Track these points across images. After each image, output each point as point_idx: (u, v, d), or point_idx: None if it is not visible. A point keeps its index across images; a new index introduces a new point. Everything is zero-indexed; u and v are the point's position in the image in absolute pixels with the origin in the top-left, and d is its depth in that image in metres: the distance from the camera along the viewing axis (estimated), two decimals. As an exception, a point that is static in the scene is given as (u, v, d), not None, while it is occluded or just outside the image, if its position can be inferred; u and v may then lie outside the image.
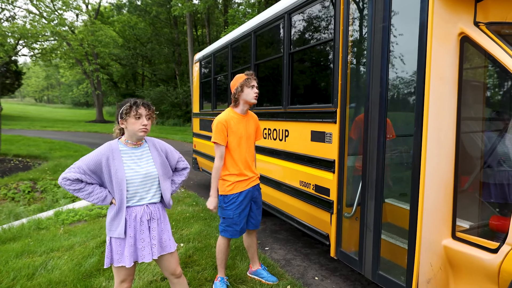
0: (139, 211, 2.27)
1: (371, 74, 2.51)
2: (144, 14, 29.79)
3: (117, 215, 2.23)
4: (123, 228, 2.21)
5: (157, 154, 2.37)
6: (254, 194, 3.06)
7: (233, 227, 2.99)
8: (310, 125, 3.37)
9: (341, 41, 2.89)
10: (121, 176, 2.20)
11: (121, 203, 2.21)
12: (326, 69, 3.31)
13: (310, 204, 3.38)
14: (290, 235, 4.65)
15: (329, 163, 3.07)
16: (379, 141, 2.46)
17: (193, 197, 6.71)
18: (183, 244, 4.22)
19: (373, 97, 2.50)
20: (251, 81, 2.90)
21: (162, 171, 2.36)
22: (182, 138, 18.05)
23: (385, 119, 2.44)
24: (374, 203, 2.52)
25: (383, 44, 2.41)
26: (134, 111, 2.19)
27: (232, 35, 5.45)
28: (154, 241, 2.30)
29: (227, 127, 2.92)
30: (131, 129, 2.23)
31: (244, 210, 2.99)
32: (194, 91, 7.65)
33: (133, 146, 2.30)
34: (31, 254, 3.98)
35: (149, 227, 2.29)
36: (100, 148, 2.23)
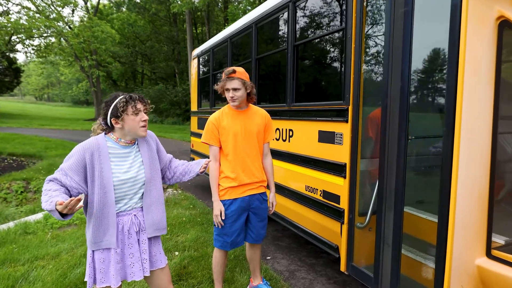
0: (126, 222, 1.97)
1: (391, 66, 2.19)
2: (143, 11, 29.65)
3: (101, 222, 1.91)
4: (113, 236, 1.91)
5: (147, 148, 2.08)
6: (253, 204, 2.69)
7: (224, 238, 2.67)
8: (317, 124, 3.05)
9: (354, 30, 2.57)
10: (107, 178, 1.89)
11: (103, 207, 1.90)
12: (336, 62, 2.98)
13: (317, 211, 3.06)
14: (293, 242, 4.33)
15: (339, 167, 2.75)
16: (399, 142, 2.14)
17: (190, 199, 6.39)
18: (178, 252, 3.90)
19: (392, 92, 2.18)
20: (225, 83, 2.56)
21: (150, 172, 2.05)
22: (181, 137, 17.76)
23: (406, 117, 2.12)
24: (393, 213, 2.20)
25: (405, 32, 2.08)
26: (132, 107, 1.89)
27: (231, 28, 5.12)
28: (145, 255, 2.01)
29: (218, 126, 2.62)
30: (130, 127, 1.94)
31: (237, 221, 2.64)
32: (192, 88, 7.33)
33: (125, 144, 2.00)
34: (13, 263, 3.67)
35: (138, 239, 2.00)
36: (84, 143, 1.92)
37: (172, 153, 13.42)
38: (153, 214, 2.06)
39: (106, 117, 1.96)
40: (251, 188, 2.67)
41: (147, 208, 2.04)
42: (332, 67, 3.05)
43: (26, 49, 14.20)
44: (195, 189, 7.46)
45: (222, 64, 5.65)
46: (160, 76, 31.97)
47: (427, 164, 2.79)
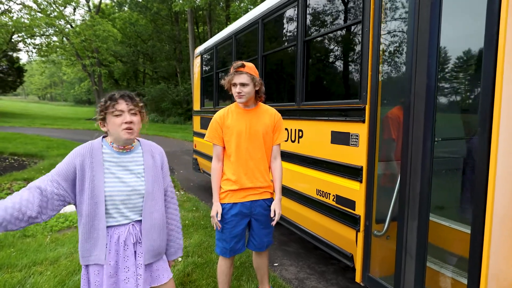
0: (122, 232, 1.76)
1: (415, 61, 2.00)
2: (145, 10, 29.61)
3: (89, 236, 1.70)
4: (103, 251, 1.70)
5: (152, 163, 1.85)
6: (255, 210, 2.50)
7: (223, 244, 2.50)
8: (330, 124, 2.86)
9: (372, 22, 2.38)
10: (98, 188, 1.68)
11: (92, 219, 1.69)
12: (351, 58, 2.79)
13: (329, 217, 2.88)
14: (300, 247, 4.15)
15: (355, 171, 2.56)
16: (425, 144, 1.96)
17: (193, 201, 6.22)
18: (181, 258, 3.72)
19: (417, 89, 1.99)
20: (233, 77, 2.38)
21: (152, 187, 1.82)
22: (183, 136, 17.61)
23: (433, 117, 1.93)
24: (417, 222, 2.02)
25: (432, 22, 1.89)
26: (111, 107, 1.68)
27: (236, 24, 4.93)
28: (140, 270, 1.79)
29: (222, 124, 2.45)
30: (112, 130, 1.72)
31: (236, 227, 2.46)
32: (195, 87, 7.15)
33: (120, 150, 1.78)
34: (10, 268, 3.49)
35: (135, 251, 1.79)
36: (77, 147, 1.73)
37: (174, 153, 13.28)
38: (152, 239, 1.82)
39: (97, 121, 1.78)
40: (253, 193, 2.48)
41: (147, 232, 1.80)
42: (347, 64, 2.86)
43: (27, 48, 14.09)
44: (198, 190, 7.28)
45: (226, 62, 5.46)
46: (162, 76, 31.91)
47: (448, 167, 2.61)
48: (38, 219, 1.62)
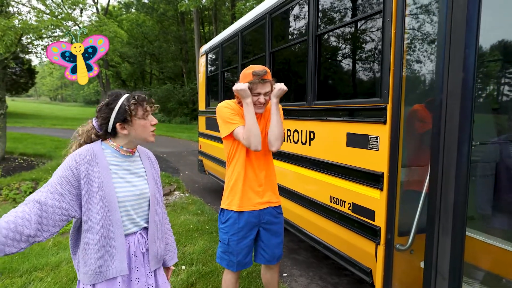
0: (132, 243, 1.62)
1: (448, 53, 1.74)
2: (152, 11, 29.76)
3: (106, 248, 1.52)
4: (124, 260, 1.55)
5: (151, 167, 1.74)
6: (264, 218, 2.27)
7: (229, 257, 2.25)
8: (345, 125, 2.61)
9: (395, 10, 2.13)
10: (109, 193, 1.51)
11: (107, 229, 1.51)
12: (370, 53, 2.54)
13: (344, 227, 2.63)
14: (311, 256, 3.90)
15: (374, 177, 2.31)
16: (461, 149, 1.70)
17: (198, 203, 5.99)
18: (185, 266, 3.51)
19: (450, 86, 1.73)
20: (256, 86, 2.10)
21: (155, 190, 1.71)
22: (189, 136, 17.50)
23: (471, 117, 1.67)
24: (450, 238, 1.76)
25: (470, 7, 1.63)
26: (143, 109, 1.59)
27: (243, 20, 4.70)
28: (150, 279, 1.67)
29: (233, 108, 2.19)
30: (139, 133, 1.60)
31: (245, 238, 2.23)
32: (200, 87, 6.94)
33: (126, 154, 1.64)
34: (12, 273, 3.38)
35: (143, 262, 1.67)
36: (77, 152, 1.52)
37: (180, 153, 13.14)
38: (156, 244, 1.71)
39: (106, 121, 1.57)
40: (264, 201, 2.26)
41: (152, 236, 1.68)
42: (365, 59, 2.61)
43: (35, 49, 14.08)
44: (203, 192, 7.07)
45: (232, 61, 5.24)
46: (168, 76, 32.05)
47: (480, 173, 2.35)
48: (39, 238, 1.42)
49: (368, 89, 2.56)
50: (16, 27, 9.14)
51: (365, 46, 2.58)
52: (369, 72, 2.57)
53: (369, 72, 2.56)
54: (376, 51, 2.41)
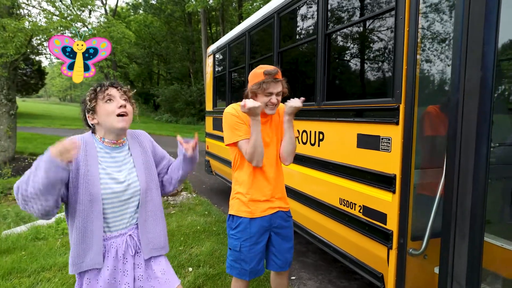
0: (120, 245, 1.57)
1: (465, 51, 1.67)
2: (159, 12, 29.92)
3: (83, 237, 1.51)
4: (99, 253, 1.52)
5: (140, 151, 1.69)
6: (275, 223, 2.19)
7: (241, 265, 2.15)
8: (356, 126, 2.55)
9: (408, 9, 2.06)
10: (93, 182, 1.50)
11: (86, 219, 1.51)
12: (382, 51, 2.47)
13: (354, 230, 2.56)
14: (320, 259, 3.83)
15: (386, 179, 2.24)
16: (478, 151, 1.63)
17: (205, 204, 5.96)
18: (192, 268, 3.47)
19: (467, 85, 1.66)
20: (268, 85, 2.02)
21: (146, 179, 1.65)
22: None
23: (489, 118, 1.60)
24: (468, 242, 1.69)
25: (489, 2, 1.56)
26: (102, 92, 1.56)
27: (250, 20, 4.66)
28: (141, 282, 1.62)
29: (239, 117, 2.09)
30: (105, 119, 1.55)
31: (257, 243, 2.14)
32: (207, 87, 6.91)
33: (111, 145, 1.61)
34: (20, 273, 3.39)
35: (133, 263, 1.61)
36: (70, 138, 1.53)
37: (187, 154, 13.08)
38: (148, 231, 1.66)
39: (84, 116, 1.62)
40: (275, 206, 2.19)
41: (142, 224, 1.64)
42: (377, 58, 2.54)
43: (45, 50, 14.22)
44: (210, 192, 7.04)
45: (240, 61, 5.19)
46: (176, 76, 32.22)
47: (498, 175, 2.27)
48: None
49: (379, 89, 2.49)
50: (26, 29, 9.25)
51: (376, 45, 2.51)
52: (380, 71, 2.51)
53: (381, 71, 2.50)
54: (388, 49, 2.34)
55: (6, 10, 9.75)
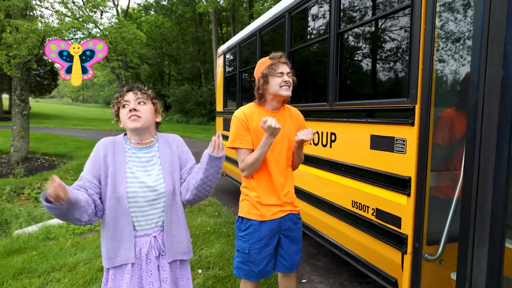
0: (144, 245, 1.61)
1: (485, 49, 1.61)
2: (170, 13, 30.12)
3: (115, 232, 1.59)
4: (131, 249, 1.58)
5: (169, 154, 1.72)
6: (285, 225, 2.16)
7: (249, 266, 2.12)
8: (369, 127, 2.49)
9: (424, 4, 2.00)
10: (120, 180, 1.57)
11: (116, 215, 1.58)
12: (396, 50, 2.41)
13: (367, 234, 2.50)
14: (331, 262, 3.77)
15: (401, 182, 2.18)
16: (500, 151, 1.56)
17: (216, 205, 5.95)
18: (201, 270, 3.45)
19: (488, 84, 1.60)
20: (277, 66, 2.05)
21: (171, 182, 1.68)
22: (206, 137, 17.58)
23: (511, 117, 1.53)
24: (487, 248, 1.62)
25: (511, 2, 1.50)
26: (120, 99, 1.67)
27: (261, 19, 4.62)
28: (165, 284, 1.65)
29: (247, 123, 2.07)
30: (123, 123, 1.68)
31: (266, 246, 2.11)
32: (218, 87, 6.90)
33: (137, 146, 1.68)
34: (30, 273, 3.40)
35: (158, 265, 1.64)
36: (100, 141, 1.67)
37: (198, 153, 13.07)
38: (173, 235, 1.69)
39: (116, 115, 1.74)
40: (285, 208, 2.16)
41: (168, 227, 1.67)
42: (391, 57, 2.48)
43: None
44: (220, 193, 7.03)
45: (250, 61, 5.16)
46: (186, 77, 32.41)
47: None
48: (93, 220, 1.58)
49: (394, 89, 2.43)
50: (39, 30, 9.38)
51: (390, 44, 2.45)
52: (395, 71, 2.44)
53: (395, 71, 2.43)
54: (403, 48, 2.28)
55: (19, 12, 9.87)
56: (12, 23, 8.91)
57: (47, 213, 6.40)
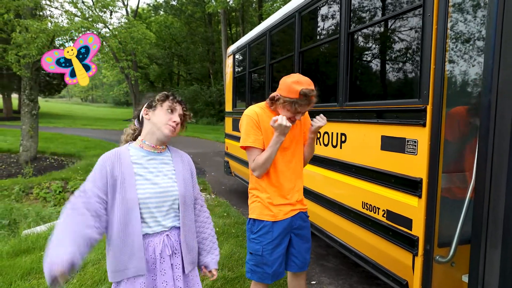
0: (158, 244, 1.60)
1: (498, 49, 1.59)
2: (180, 13, 30.25)
3: (124, 245, 1.54)
4: (142, 260, 1.55)
5: (182, 167, 1.72)
6: (295, 224, 2.16)
7: (263, 268, 2.11)
8: (380, 128, 2.48)
9: (436, 4, 1.99)
10: (130, 191, 1.54)
11: (125, 227, 1.53)
12: (407, 51, 2.39)
13: (377, 235, 2.49)
14: (340, 263, 3.76)
15: (412, 183, 2.16)
16: (513, 155, 1.54)
17: (224, 206, 5.96)
18: (210, 271, 3.45)
19: (501, 85, 1.58)
20: (302, 107, 1.98)
21: (185, 190, 1.68)
22: (215, 137, 17.60)
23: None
24: (500, 250, 1.60)
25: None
26: (170, 101, 1.66)
27: (271, 19, 4.62)
28: (179, 282, 1.65)
29: (259, 123, 2.05)
30: (156, 121, 1.63)
31: (279, 246, 2.11)
32: (227, 87, 6.92)
33: (150, 149, 1.66)
34: (38, 274, 3.39)
35: (171, 264, 1.64)
36: (104, 154, 1.61)
37: (206, 154, 13.21)
38: (188, 245, 1.70)
39: (140, 108, 1.72)
40: (296, 207, 2.16)
41: (184, 237, 1.68)
42: (402, 57, 2.46)
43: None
44: (229, 194, 7.04)
45: (260, 61, 5.17)
46: (195, 77, 32.53)
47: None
48: None
49: (405, 89, 2.41)
50: (48, 30, 9.43)
51: (402, 44, 2.43)
52: (406, 71, 2.42)
53: (407, 71, 2.42)
54: (415, 48, 2.26)
55: (29, 11, 9.88)
56: (22, 23, 8.92)
57: (55, 213, 6.47)
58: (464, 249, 2.06)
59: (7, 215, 5.98)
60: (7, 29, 9.85)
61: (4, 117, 29.03)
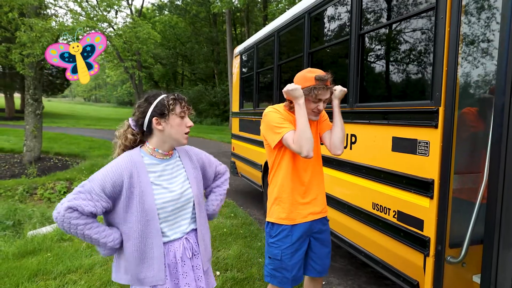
0: (178, 248, 1.60)
1: (511, 50, 1.60)
2: (184, 13, 30.30)
3: (144, 256, 1.52)
4: (161, 270, 1.54)
5: (191, 166, 1.71)
6: (315, 228, 2.14)
7: (282, 273, 2.08)
8: (391, 129, 2.49)
9: (449, 6, 2.00)
10: (149, 202, 1.50)
11: (146, 238, 1.52)
12: (420, 53, 2.40)
13: (388, 236, 2.50)
14: (349, 263, 3.77)
15: (424, 184, 2.18)
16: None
17: (231, 206, 5.97)
18: (219, 272, 3.47)
19: (515, 87, 1.59)
20: (319, 92, 1.94)
21: (198, 190, 1.69)
22: (220, 138, 17.62)
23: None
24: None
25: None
26: (180, 106, 1.56)
27: (279, 20, 4.65)
28: (201, 282, 1.67)
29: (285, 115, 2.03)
30: (173, 132, 1.56)
31: (298, 250, 2.09)
32: (234, 88, 6.94)
33: (163, 157, 1.61)
34: (45, 275, 3.36)
35: (192, 266, 1.65)
36: (119, 161, 1.52)
37: (211, 154, 13.15)
38: (206, 244, 1.73)
39: (143, 115, 1.55)
40: (316, 211, 2.14)
41: (201, 237, 1.70)
42: (414, 59, 2.47)
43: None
44: (236, 194, 7.06)
45: (268, 61, 5.19)
46: (200, 77, 32.55)
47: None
48: None
49: (417, 91, 2.42)
50: (53, 29, 9.38)
51: (414, 45, 2.45)
52: (418, 73, 2.44)
53: (419, 73, 2.43)
54: (427, 50, 2.28)
55: (33, 10, 9.82)
56: (26, 22, 8.84)
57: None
58: (475, 249, 2.08)
59: (11, 216, 5.92)
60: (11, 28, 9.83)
61: (7, 116, 29.05)
